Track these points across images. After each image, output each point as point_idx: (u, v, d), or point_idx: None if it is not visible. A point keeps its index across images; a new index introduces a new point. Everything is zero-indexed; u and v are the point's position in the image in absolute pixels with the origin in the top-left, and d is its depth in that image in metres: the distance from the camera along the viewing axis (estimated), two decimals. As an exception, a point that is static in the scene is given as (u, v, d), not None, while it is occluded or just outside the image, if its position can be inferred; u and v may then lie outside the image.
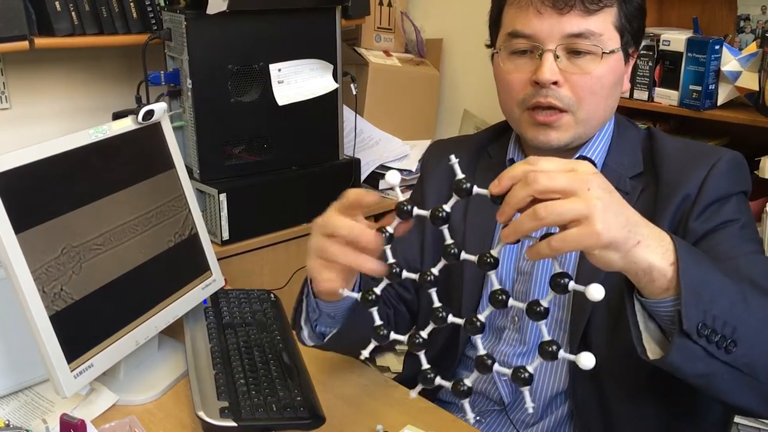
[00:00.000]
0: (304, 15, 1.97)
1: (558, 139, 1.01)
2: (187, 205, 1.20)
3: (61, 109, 2.21)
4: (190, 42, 1.80)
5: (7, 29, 1.75)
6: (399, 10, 2.64)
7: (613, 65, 0.99)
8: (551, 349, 0.71)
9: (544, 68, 0.96)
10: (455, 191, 0.71)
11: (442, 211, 0.72)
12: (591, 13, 0.96)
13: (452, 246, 0.73)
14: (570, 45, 0.97)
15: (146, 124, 1.13)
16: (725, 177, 0.98)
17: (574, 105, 0.99)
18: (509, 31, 1.00)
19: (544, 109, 0.99)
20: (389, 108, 2.52)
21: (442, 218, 0.73)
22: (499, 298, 0.73)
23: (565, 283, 0.69)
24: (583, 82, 0.98)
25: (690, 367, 0.77)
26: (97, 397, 1.06)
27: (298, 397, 1.01)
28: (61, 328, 0.94)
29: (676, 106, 1.86)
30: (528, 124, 1.02)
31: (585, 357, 0.68)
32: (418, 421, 1.00)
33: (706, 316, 0.75)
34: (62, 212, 0.98)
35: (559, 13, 0.96)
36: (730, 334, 0.76)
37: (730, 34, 1.91)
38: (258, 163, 1.98)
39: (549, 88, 0.97)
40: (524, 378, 0.72)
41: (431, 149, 1.26)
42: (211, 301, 1.27)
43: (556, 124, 1.00)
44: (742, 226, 0.96)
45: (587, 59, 0.98)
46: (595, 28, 0.97)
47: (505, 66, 1.02)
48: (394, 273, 0.77)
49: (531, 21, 0.97)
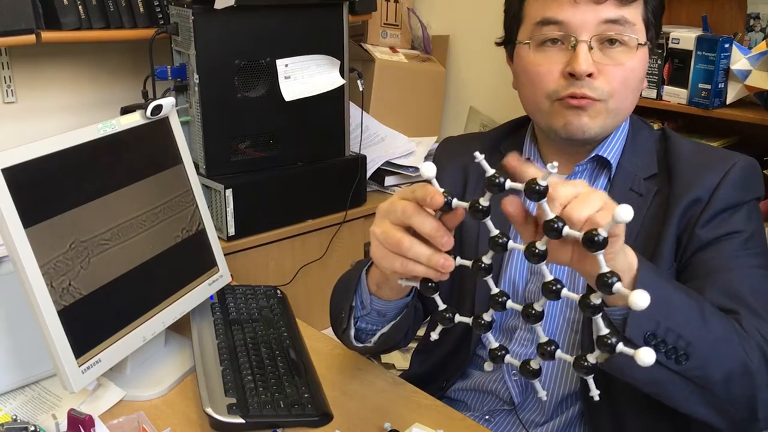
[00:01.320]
0: (311, 10, 1.96)
1: (589, 125, 0.98)
2: (194, 201, 1.20)
3: (67, 103, 2.21)
4: (198, 37, 1.80)
5: (14, 23, 1.75)
6: (406, 6, 2.63)
7: (643, 58, 0.99)
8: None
9: (580, 59, 0.94)
10: (488, 187, 0.70)
11: (480, 204, 0.71)
12: (625, 3, 0.96)
13: (500, 236, 0.72)
14: (605, 31, 0.95)
15: (154, 119, 1.12)
16: (738, 185, 0.97)
17: (607, 95, 0.97)
18: (539, 19, 0.98)
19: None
20: (395, 104, 2.51)
21: (483, 211, 0.72)
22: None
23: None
24: (616, 74, 0.97)
25: (636, 372, 0.79)
26: (104, 392, 1.06)
27: (306, 394, 1.01)
28: (69, 324, 0.94)
29: (684, 105, 1.86)
30: (558, 112, 0.99)
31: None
32: (426, 419, 1.00)
33: (658, 326, 0.78)
34: (71, 207, 0.97)
35: (596, 2, 0.95)
36: (684, 346, 0.80)
37: (740, 32, 1.90)
38: (264, 159, 1.98)
39: (583, 79, 0.96)
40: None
41: (443, 146, 1.25)
42: (218, 296, 1.27)
43: (590, 108, 0.98)
44: (748, 238, 0.96)
45: (620, 50, 0.97)
46: (630, 17, 0.96)
47: (535, 57, 0.99)
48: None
49: (564, 8, 0.96)
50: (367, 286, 0.95)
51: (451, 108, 2.73)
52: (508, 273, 1.07)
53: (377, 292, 0.94)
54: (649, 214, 0.99)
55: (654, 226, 0.98)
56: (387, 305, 0.96)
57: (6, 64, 2.06)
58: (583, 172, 1.06)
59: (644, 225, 0.99)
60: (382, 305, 0.96)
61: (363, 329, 1.01)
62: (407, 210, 0.76)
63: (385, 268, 0.80)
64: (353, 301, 0.98)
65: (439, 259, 0.75)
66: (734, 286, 0.90)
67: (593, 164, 1.05)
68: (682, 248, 0.97)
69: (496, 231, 0.72)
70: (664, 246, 0.97)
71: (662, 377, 0.81)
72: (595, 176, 1.05)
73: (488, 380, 1.09)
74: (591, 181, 1.05)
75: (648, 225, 0.99)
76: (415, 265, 0.77)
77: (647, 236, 0.98)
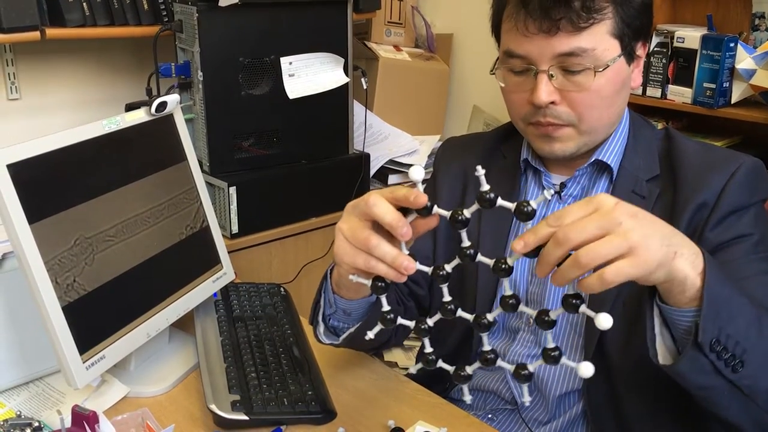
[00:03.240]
0: (315, 8, 1.96)
1: (562, 149, 1.00)
2: (198, 198, 1.20)
3: (71, 100, 2.21)
4: (202, 34, 1.80)
5: (19, 19, 1.75)
6: (410, 4, 2.63)
7: (611, 76, 0.96)
8: (554, 354, 0.74)
9: (539, 91, 0.95)
10: (479, 201, 0.72)
11: (462, 215, 0.73)
12: (580, 30, 0.93)
13: (469, 248, 0.74)
14: (562, 64, 0.95)
15: (159, 115, 1.12)
16: (745, 186, 0.96)
17: (574, 120, 0.98)
18: (504, 50, 1.00)
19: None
20: (399, 103, 2.51)
21: (462, 222, 0.74)
22: (509, 302, 0.75)
23: (577, 304, 0.71)
24: (581, 99, 0.96)
25: (695, 378, 0.79)
26: (108, 388, 1.06)
27: (309, 391, 1.01)
28: (73, 320, 0.94)
29: (689, 104, 1.85)
30: (533, 135, 1.02)
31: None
32: (429, 417, 1.00)
33: (721, 332, 0.76)
34: (75, 203, 0.97)
35: (547, 36, 0.93)
36: (740, 354, 0.78)
37: (745, 31, 1.90)
38: (268, 157, 1.98)
39: (547, 107, 0.96)
40: (525, 375, 0.76)
41: (444, 147, 1.25)
42: (222, 294, 1.27)
43: (557, 135, 0.99)
44: (757, 241, 0.95)
45: (583, 75, 0.95)
46: (587, 44, 0.93)
47: (506, 84, 1.02)
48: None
49: (522, 43, 0.96)
50: (330, 284, 0.96)
51: (455, 106, 2.72)
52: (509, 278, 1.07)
53: (338, 290, 0.95)
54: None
55: None
56: (350, 304, 0.96)
57: (10, 61, 2.06)
58: (584, 176, 1.06)
59: None
60: (345, 304, 0.96)
61: (336, 327, 1.02)
62: (371, 200, 0.77)
63: (346, 264, 0.80)
64: (321, 299, 1.00)
65: (404, 261, 0.76)
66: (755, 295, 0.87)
67: (593, 168, 1.05)
68: None
69: (468, 242, 0.75)
70: None
71: (717, 384, 0.80)
72: (596, 179, 1.05)
73: (490, 380, 1.09)
74: (591, 184, 1.05)
75: None
76: (378, 263, 0.77)
77: None
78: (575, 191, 1.06)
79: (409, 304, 1.15)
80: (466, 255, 0.74)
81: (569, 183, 1.06)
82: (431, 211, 0.75)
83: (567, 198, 1.06)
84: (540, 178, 1.09)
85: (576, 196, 1.06)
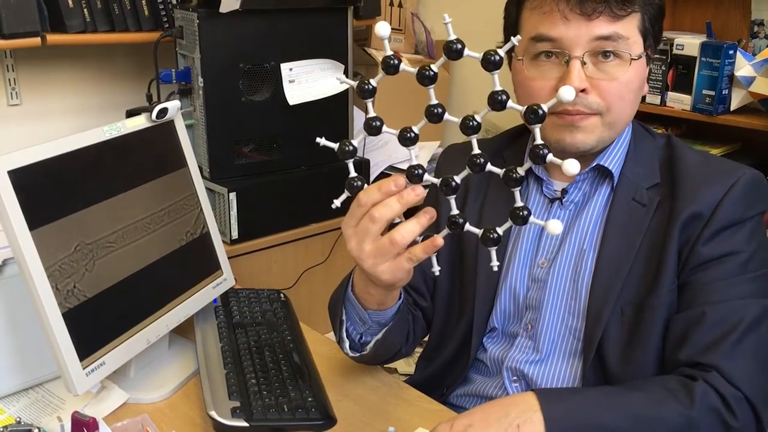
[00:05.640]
0: (316, 15, 1.97)
1: (584, 141, 0.99)
2: (198, 204, 1.20)
3: (71, 106, 2.22)
4: (202, 40, 1.80)
5: (19, 25, 1.76)
6: (410, 11, 2.64)
7: (639, 69, 0.98)
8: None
9: (572, 76, 0.94)
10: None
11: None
12: (618, 18, 0.95)
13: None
14: (598, 47, 0.95)
15: (160, 122, 1.13)
16: (742, 200, 0.96)
17: (603, 109, 0.97)
18: (533, 35, 0.98)
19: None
20: (398, 109, 2.51)
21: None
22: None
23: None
24: (611, 88, 0.96)
25: None
26: (108, 395, 1.06)
27: (310, 398, 1.01)
28: (73, 326, 0.94)
29: (688, 111, 1.86)
30: (553, 127, 1.00)
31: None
32: (429, 423, 0.99)
33: None
34: (76, 209, 0.98)
35: (587, 19, 0.94)
36: None
37: (744, 39, 1.90)
38: (268, 163, 1.98)
39: (577, 95, 0.95)
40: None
41: (446, 154, 1.25)
42: (222, 300, 1.27)
43: (583, 124, 0.98)
44: (747, 260, 0.95)
45: (614, 64, 0.96)
46: (623, 31, 0.95)
47: (529, 72, 1.00)
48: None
49: (557, 25, 0.95)
50: (359, 302, 0.98)
51: (455, 113, 2.69)
52: (508, 280, 1.07)
53: (366, 304, 0.98)
54: (652, 225, 0.99)
55: (658, 238, 0.98)
56: (382, 315, 0.99)
57: (11, 67, 2.07)
58: (585, 181, 1.06)
59: (648, 236, 0.98)
60: (379, 316, 0.99)
61: (368, 342, 1.03)
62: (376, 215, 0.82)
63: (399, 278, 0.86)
64: (342, 316, 1.01)
65: (410, 193, 0.81)
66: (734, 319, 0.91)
67: (595, 173, 1.05)
68: (682, 263, 0.96)
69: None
70: (669, 258, 0.96)
71: None
72: (597, 185, 1.05)
73: (489, 386, 1.09)
74: (593, 190, 1.05)
75: (652, 237, 0.98)
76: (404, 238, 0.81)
77: (651, 248, 0.98)
78: (576, 197, 1.06)
79: (416, 313, 1.16)
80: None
81: (571, 189, 1.06)
82: (422, 179, 0.80)
83: (568, 204, 1.06)
84: (541, 185, 1.09)
85: (577, 203, 1.06)
